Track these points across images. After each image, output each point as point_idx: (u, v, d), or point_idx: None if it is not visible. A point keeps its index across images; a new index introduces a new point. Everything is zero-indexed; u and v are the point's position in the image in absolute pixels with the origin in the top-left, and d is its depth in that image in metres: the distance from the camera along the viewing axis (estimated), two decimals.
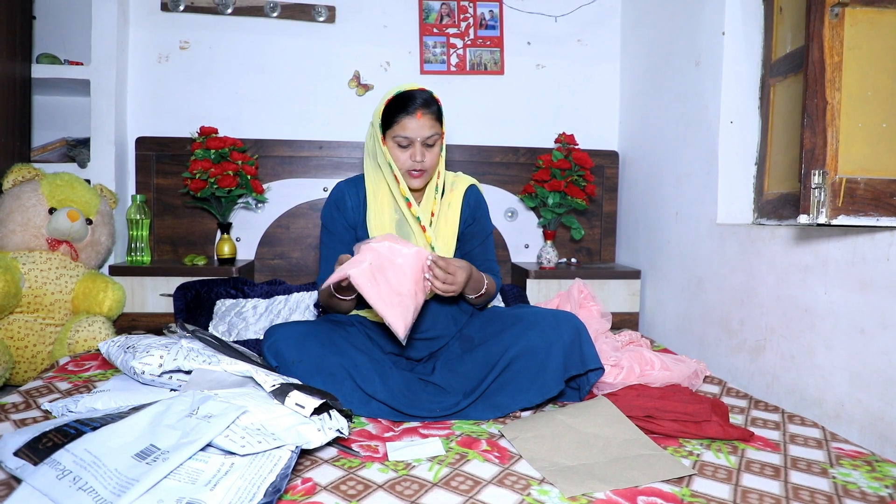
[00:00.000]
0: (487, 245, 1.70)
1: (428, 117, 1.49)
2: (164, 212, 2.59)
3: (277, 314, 2.15)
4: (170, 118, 2.62)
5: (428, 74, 2.73)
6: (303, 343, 1.44)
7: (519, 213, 2.79)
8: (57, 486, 0.91)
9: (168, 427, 1.04)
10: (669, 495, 1.06)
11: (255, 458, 1.01)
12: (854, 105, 1.32)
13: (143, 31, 2.60)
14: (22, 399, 1.46)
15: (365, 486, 1.07)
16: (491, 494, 1.06)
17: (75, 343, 1.96)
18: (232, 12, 2.61)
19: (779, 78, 1.92)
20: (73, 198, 2.16)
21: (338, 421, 1.19)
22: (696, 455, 1.24)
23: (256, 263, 2.63)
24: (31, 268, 2.04)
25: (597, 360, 1.50)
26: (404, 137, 1.49)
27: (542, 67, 2.84)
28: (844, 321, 1.49)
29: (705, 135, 2.09)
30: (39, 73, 2.38)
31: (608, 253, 2.86)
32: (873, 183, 1.32)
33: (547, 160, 2.53)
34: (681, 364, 1.70)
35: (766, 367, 1.77)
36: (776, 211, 1.89)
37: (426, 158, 1.51)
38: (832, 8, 1.31)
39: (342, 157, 2.67)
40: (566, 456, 1.20)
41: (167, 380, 1.28)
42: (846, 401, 1.48)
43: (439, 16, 2.75)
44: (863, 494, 1.08)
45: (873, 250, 1.41)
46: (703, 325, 2.10)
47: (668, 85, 2.38)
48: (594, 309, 2.02)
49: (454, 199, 1.63)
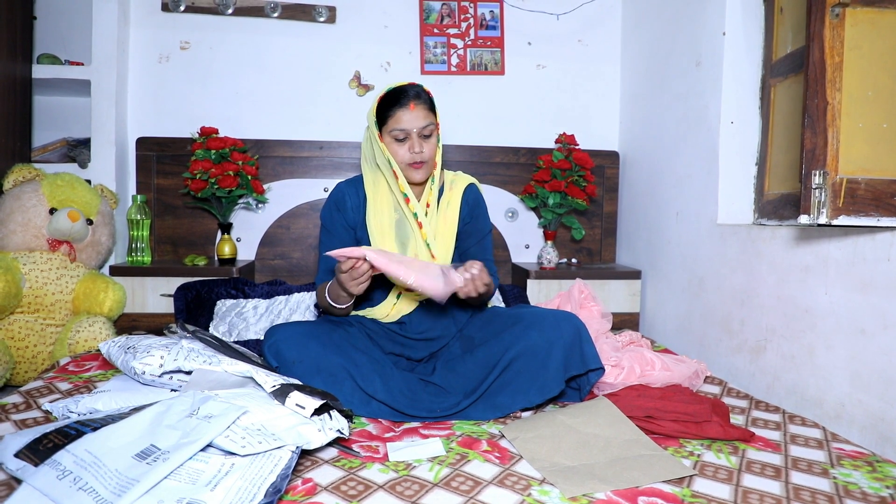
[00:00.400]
0: (485, 244, 1.70)
1: (421, 107, 1.50)
2: (164, 212, 2.59)
3: (278, 314, 2.15)
4: (170, 118, 2.63)
5: (428, 75, 2.73)
6: (303, 343, 1.44)
7: (519, 213, 2.79)
8: (57, 486, 0.91)
9: (168, 427, 1.04)
10: (670, 496, 1.06)
11: (256, 459, 1.01)
12: (855, 105, 1.32)
13: (144, 32, 2.60)
14: (22, 399, 1.46)
15: (365, 486, 1.07)
16: (491, 495, 1.06)
17: (76, 343, 1.96)
18: (232, 12, 2.61)
19: (779, 78, 1.92)
20: (73, 198, 2.16)
21: (338, 421, 1.19)
22: (697, 455, 1.24)
23: (257, 264, 2.63)
24: (32, 268, 2.04)
25: (597, 360, 1.50)
26: (401, 130, 1.49)
27: (543, 68, 2.84)
28: (845, 321, 1.49)
29: (706, 135, 2.09)
30: (40, 74, 2.38)
31: (609, 253, 2.86)
32: (874, 183, 1.32)
33: (547, 160, 2.53)
34: (681, 364, 1.70)
35: (766, 367, 1.77)
36: (777, 211, 1.89)
37: (424, 149, 1.51)
38: (833, 8, 1.31)
39: (343, 157, 2.67)
40: (567, 456, 1.20)
41: (168, 380, 1.28)
42: (847, 401, 1.48)
43: (440, 16, 2.75)
44: (864, 495, 1.08)
45: (874, 250, 1.41)
46: (704, 325, 2.10)
47: (669, 85, 2.37)
48: (595, 309, 2.02)
49: (453, 197, 1.63)
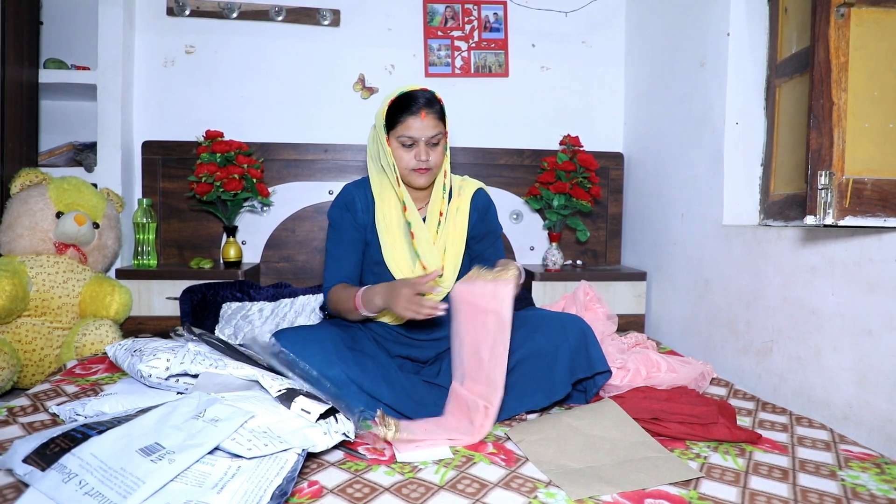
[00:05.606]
0: (498, 246, 1.71)
1: (432, 117, 1.50)
2: (170, 215, 2.60)
3: (283, 317, 2.15)
4: (176, 122, 2.64)
5: (432, 77, 2.74)
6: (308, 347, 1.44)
7: (524, 215, 2.79)
8: (63, 489, 0.92)
9: (173, 428, 1.04)
10: (676, 498, 1.05)
11: (262, 462, 1.01)
12: (860, 105, 1.32)
13: (149, 36, 2.61)
14: (30, 402, 1.47)
15: (371, 488, 1.07)
16: (497, 497, 1.05)
17: (82, 346, 1.97)
18: (237, 16, 2.62)
19: (784, 79, 1.91)
20: (80, 202, 2.17)
21: (344, 424, 1.19)
22: (704, 457, 1.23)
23: (262, 266, 2.64)
24: (39, 271, 2.05)
25: (604, 362, 1.49)
26: (408, 137, 1.49)
27: (547, 69, 2.84)
28: (852, 322, 1.49)
29: (711, 136, 2.09)
30: (46, 78, 2.39)
31: (614, 255, 2.86)
32: (880, 183, 1.31)
33: (552, 162, 2.53)
34: (687, 366, 1.70)
35: (773, 368, 1.77)
36: (782, 212, 1.89)
37: (430, 157, 1.52)
38: (838, 8, 1.30)
39: (347, 160, 2.67)
40: (573, 458, 1.20)
41: (174, 383, 1.29)
42: (854, 402, 1.48)
43: (444, 18, 2.75)
44: (872, 497, 1.07)
45: (880, 251, 1.40)
46: (710, 326, 2.09)
47: (674, 86, 2.37)
48: (600, 311, 2.02)
49: (462, 203, 1.64)
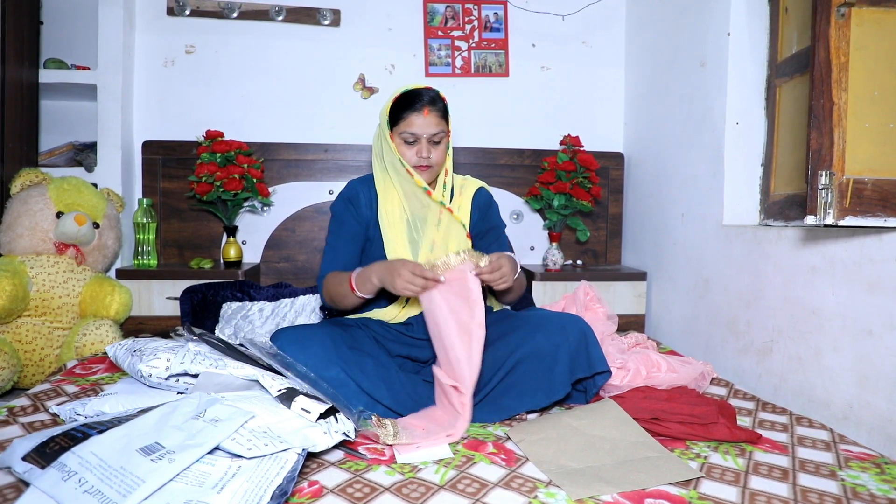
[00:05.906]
0: (502, 241, 1.72)
1: (434, 114, 1.52)
2: (170, 215, 2.60)
3: (283, 317, 2.15)
4: (176, 122, 2.64)
5: (433, 77, 2.74)
6: (308, 347, 1.44)
7: (524, 215, 2.79)
8: (63, 487, 0.92)
9: (174, 427, 1.04)
10: (676, 498, 1.05)
11: (262, 461, 1.01)
12: (861, 105, 1.32)
13: (150, 36, 2.61)
14: (30, 402, 1.47)
15: (371, 488, 1.07)
16: (497, 497, 1.05)
17: (83, 346, 1.97)
18: (237, 16, 2.62)
19: (785, 79, 1.91)
20: (80, 202, 2.17)
21: (344, 424, 1.19)
22: (704, 457, 1.23)
23: (262, 266, 2.64)
24: (39, 271, 2.05)
25: (604, 362, 1.49)
26: (411, 134, 1.51)
27: (547, 69, 2.84)
28: (852, 322, 1.48)
29: (711, 136, 2.09)
30: (46, 78, 2.39)
31: (614, 255, 2.86)
32: (881, 183, 1.31)
33: (552, 162, 2.53)
34: (687, 366, 1.70)
35: (773, 368, 1.77)
36: (783, 212, 1.89)
37: (432, 155, 1.54)
38: (838, 8, 1.30)
39: (347, 160, 2.67)
40: (573, 458, 1.20)
41: (174, 383, 1.29)
42: (854, 402, 1.48)
43: (444, 18, 2.75)
44: (872, 497, 1.07)
45: (881, 251, 1.40)
46: (710, 326, 2.09)
47: (674, 86, 2.37)
48: (600, 311, 2.02)
49: (463, 202, 1.66)
